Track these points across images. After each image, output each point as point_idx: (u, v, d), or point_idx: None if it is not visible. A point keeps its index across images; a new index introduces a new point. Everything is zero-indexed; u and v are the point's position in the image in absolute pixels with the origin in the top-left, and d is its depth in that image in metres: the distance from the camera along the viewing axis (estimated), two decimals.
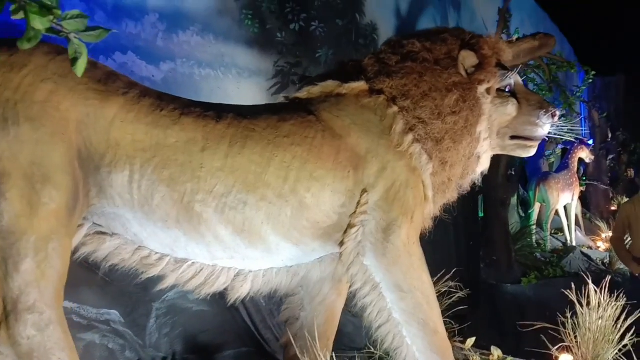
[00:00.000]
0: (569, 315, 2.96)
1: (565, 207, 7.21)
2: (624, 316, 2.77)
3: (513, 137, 2.63)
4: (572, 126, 2.90)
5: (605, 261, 6.58)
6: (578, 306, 2.76)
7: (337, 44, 3.81)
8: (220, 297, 2.38)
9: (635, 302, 3.01)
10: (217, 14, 3.27)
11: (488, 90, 2.57)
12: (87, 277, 2.47)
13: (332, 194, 2.30)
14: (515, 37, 4.10)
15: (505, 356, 3.23)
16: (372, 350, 2.96)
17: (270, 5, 3.47)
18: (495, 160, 5.73)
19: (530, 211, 6.88)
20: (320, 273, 2.56)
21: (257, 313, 3.00)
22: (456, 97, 2.46)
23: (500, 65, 2.66)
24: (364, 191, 2.37)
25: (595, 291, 2.90)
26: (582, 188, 7.70)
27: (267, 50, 3.40)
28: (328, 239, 2.38)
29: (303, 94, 2.52)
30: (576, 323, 2.80)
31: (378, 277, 2.40)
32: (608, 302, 2.82)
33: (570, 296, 2.80)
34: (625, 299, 2.82)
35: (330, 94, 2.49)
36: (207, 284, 2.30)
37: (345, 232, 2.37)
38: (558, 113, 2.66)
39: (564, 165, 7.17)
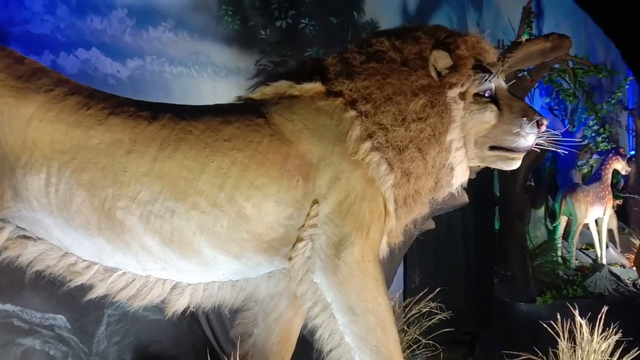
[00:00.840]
0: (563, 345, 2.66)
1: (596, 222, 6.71)
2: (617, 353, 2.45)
3: (493, 148, 2.36)
4: (562, 136, 2.60)
5: (637, 282, 6.05)
6: (561, 340, 2.46)
7: (329, 43, 3.61)
8: None
9: None
10: (193, 9, 3.14)
11: (462, 95, 2.32)
12: (34, 279, 2.38)
13: (277, 204, 2.11)
14: (525, 37, 3.78)
15: None
16: None
17: (254, 0, 3.31)
18: (513, 169, 5.37)
19: (555, 224, 6.43)
20: (270, 289, 2.38)
21: (219, 324, 2.85)
22: (423, 102, 2.22)
23: (481, 68, 2.40)
24: (315, 202, 2.17)
25: (589, 322, 2.58)
26: (617, 201, 7.15)
27: (248, 48, 3.25)
28: (274, 253, 2.19)
29: (256, 94, 2.35)
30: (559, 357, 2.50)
31: (329, 296, 2.19)
32: (601, 336, 2.50)
33: (555, 327, 2.50)
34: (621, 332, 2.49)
35: (283, 95, 2.30)
36: (139, 296, 2.15)
37: (293, 246, 2.18)
38: (545, 122, 2.36)
39: (595, 177, 6.66)
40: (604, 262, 6.66)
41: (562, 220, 6.41)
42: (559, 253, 6.41)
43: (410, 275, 4.36)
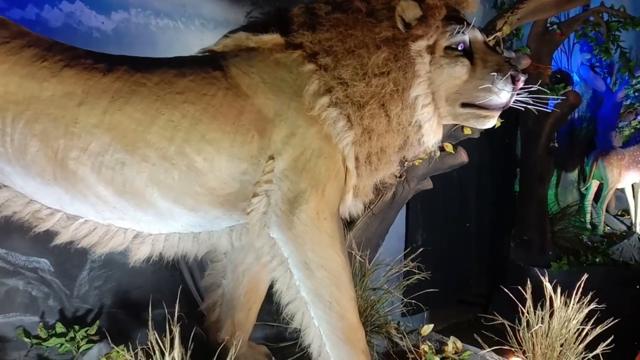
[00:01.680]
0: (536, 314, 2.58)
1: (633, 187, 6.35)
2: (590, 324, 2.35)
3: (465, 105, 2.25)
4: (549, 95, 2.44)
5: None
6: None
7: None
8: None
9: None
10: None
11: (431, 48, 2.20)
12: (21, 224, 2.53)
13: (230, 159, 2.12)
14: None
15: (466, 349, 2.92)
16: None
17: None
18: (536, 130, 5.13)
19: (584, 188, 6.12)
20: (234, 242, 2.42)
21: (200, 274, 2.94)
22: (385, 56, 2.13)
23: (456, 18, 2.26)
24: (270, 158, 2.16)
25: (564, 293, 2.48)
26: None
27: (240, 2, 3.19)
28: (231, 207, 2.22)
29: (218, 46, 2.32)
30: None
31: (285, 251, 2.22)
32: (575, 307, 2.39)
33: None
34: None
35: (243, 48, 2.26)
36: (101, 244, 2.25)
37: (250, 201, 2.19)
38: (522, 78, 2.22)
39: (636, 140, 6.25)
40: (639, 230, 6.33)
41: (594, 184, 6.09)
42: (588, 218, 6.14)
43: (413, 235, 4.30)
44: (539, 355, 2.45)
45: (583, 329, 2.37)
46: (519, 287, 2.69)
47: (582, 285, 2.49)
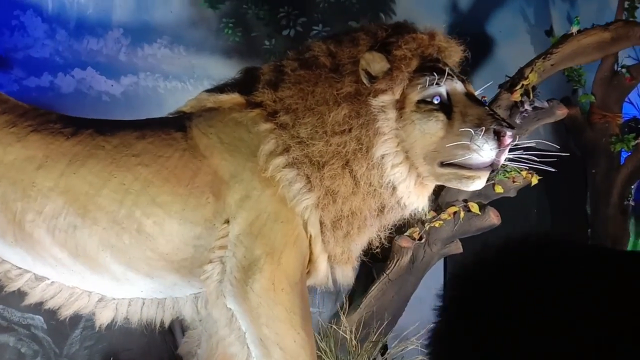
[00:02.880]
0: None
1: None
2: None
3: (445, 164, 1.99)
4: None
5: None
6: None
7: None
8: None
9: None
10: (190, 24, 3.19)
11: (401, 103, 2.00)
12: None
13: (182, 223, 2.03)
14: (575, 28, 3.13)
15: None
16: None
17: (258, 11, 3.25)
18: (605, 187, 4.53)
19: None
20: (198, 310, 2.29)
21: None
22: (345, 112, 1.97)
23: (434, 69, 2.04)
24: (226, 222, 2.05)
25: None
26: None
27: (250, 60, 3.18)
28: (188, 273, 2.11)
29: (186, 107, 2.29)
30: None
31: (243, 325, 2.06)
32: None
33: None
34: None
35: (205, 108, 2.21)
36: (66, 306, 2.24)
37: (204, 268, 2.08)
38: (508, 133, 1.93)
39: None
40: None
41: None
42: None
43: None
44: None
45: None
46: None
47: None
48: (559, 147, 2.62)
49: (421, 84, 2.00)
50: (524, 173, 3.09)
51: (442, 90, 2.02)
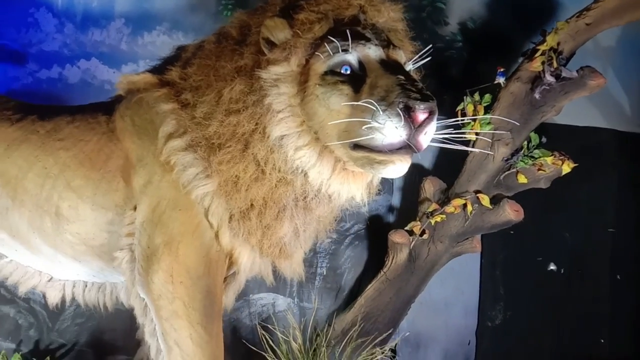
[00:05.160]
0: None
1: None
2: None
3: (357, 147, 1.70)
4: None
5: None
6: None
7: None
8: None
9: None
10: (189, 9, 3.14)
11: (305, 76, 1.74)
12: None
13: (94, 207, 2.02)
14: None
15: None
16: None
17: None
18: None
19: None
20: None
21: None
22: (241, 88, 1.78)
23: (353, 33, 1.74)
24: (134, 208, 1.99)
25: None
26: None
27: None
28: (109, 259, 2.10)
29: (121, 89, 2.25)
30: None
31: (153, 316, 1.99)
32: None
33: None
34: None
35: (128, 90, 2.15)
36: (22, 283, 2.36)
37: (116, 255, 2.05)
38: (421, 108, 1.57)
39: None
40: None
41: None
42: None
43: (486, 311, 3.34)
44: None
45: None
46: None
47: None
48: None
49: (326, 52, 1.70)
50: (549, 159, 2.53)
51: (351, 58, 1.69)
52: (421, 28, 3.25)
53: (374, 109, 1.56)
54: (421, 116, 1.57)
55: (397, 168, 1.65)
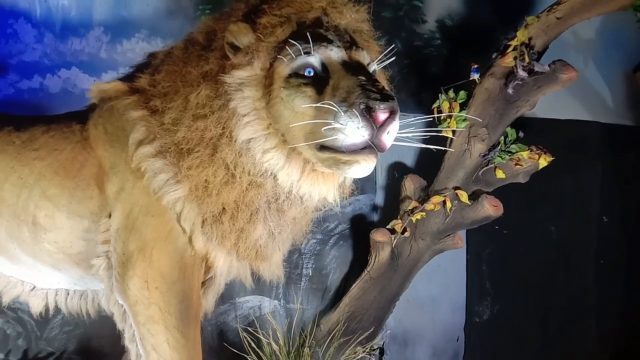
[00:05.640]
0: None
1: None
2: None
3: (323, 148, 1.72)
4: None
5: None
6: None
7: None
8: None
9: None
10: (167, 15, 3.16)
11: (270, 79, 1.76)
12: None
13: (70, 216, 2.04)
14: None
15: None
16: None
17: None
18: None
19: None
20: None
21: None
22: (207, 93, 1.79)
23: (314, 36, 1.75)
24: (109, 216, 2.01)
25: None
26: None
27: None
28: (88, 267, 2.11)
29: (95, 98, 2.26)
30: None
31: (132, 322, 2.00)
32: None
33: None
34: None
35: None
36: (5, 293, 2.37)
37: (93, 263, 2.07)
38: (381, 108, 1.58)
39: None
40: None
41: None
42: None
43: (473, 306, 3.36)
44: None
45: None
46: None
47: None
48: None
49: (289, 55, 1.71)
50: (525, 154, 2.55)
51: (313, 60, 1.71)
52: (399, 27, 3.29)
53: (336, 110, 1.58)
54: (382, 116, 1.58)
55: (362, 168, 1.67)
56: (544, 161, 2.58)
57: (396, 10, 3.28)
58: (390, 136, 1.65)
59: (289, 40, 1.72)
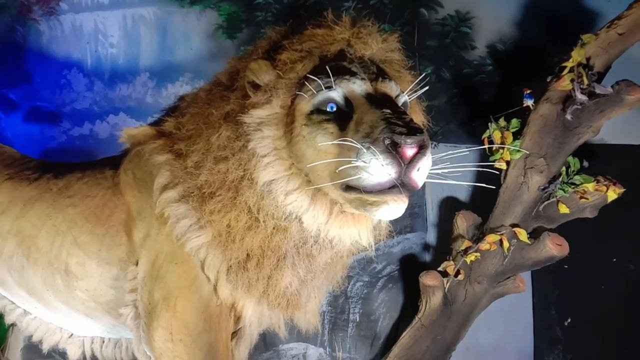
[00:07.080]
0: None
1: None
2: None
3: (349, 188, 1.59)
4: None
5: None
6: None
7: None
8: None
9: None
10: (210, 58, 3.18)
11: (292, 117, 1.67)
12: None
13: (100, 263, 2.02)
14: None
15: None
16: None
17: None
18: None
19: None
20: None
21: None
22: (228, 134, 1.72)
23: (337, 69, 1.65)
24: (136, 263, 1.97)
25: None
26: None
27: None
28: (119, 316, 2.06)
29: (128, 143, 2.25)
30: None
31: None
32: None
33: None
34: None
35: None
36: (45, 340, 2.38)
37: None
38: (408, 143, 1.44)
39: None
40: None
41: None
42: None
43: (543, 356, 3.00)
44: None
45: None
46: None
47: None
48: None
49: (310, 91, 1.60)
50: (591, 185, 2.27)
51: (335, 94, 1.59)
52: (446, 55, 3.13)
53: (358, 146, 1.44)
54: (409, 151, 1.43)
55: (391, 209, 1.51)
56: (613, 193, 2.29)
57: (442, 37, 3.13)
58: (421, 173, 1.48)
59: (309, 75, 1.61)
